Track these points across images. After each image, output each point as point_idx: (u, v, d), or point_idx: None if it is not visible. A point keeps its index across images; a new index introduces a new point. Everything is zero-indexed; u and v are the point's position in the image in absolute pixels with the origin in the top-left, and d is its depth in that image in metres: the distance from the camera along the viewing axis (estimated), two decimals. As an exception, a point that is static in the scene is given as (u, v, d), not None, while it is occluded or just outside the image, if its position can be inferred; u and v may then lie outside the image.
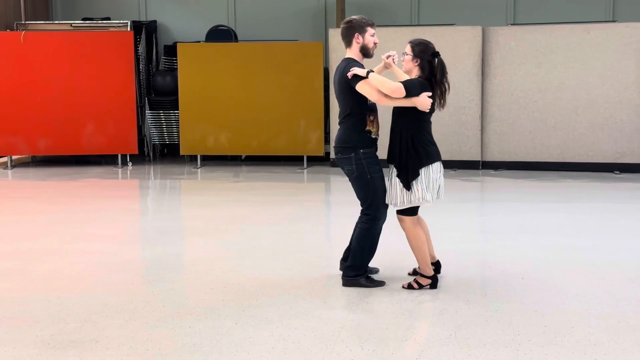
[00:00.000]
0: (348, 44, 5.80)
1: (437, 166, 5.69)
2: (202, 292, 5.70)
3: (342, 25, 5.85)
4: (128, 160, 14.58)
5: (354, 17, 5.80)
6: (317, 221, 9.25)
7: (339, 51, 13.42)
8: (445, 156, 13.67)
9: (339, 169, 6.00)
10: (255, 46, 14.39)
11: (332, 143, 6.15)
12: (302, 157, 14.27)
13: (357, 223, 5.94)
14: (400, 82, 5.52)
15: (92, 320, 5.02)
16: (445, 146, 13.27)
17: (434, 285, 5.73)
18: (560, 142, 13.23)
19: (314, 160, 14.53)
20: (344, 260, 6.02)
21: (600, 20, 14.29)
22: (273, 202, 10.22)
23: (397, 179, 5.61)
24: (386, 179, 5.76)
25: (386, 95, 5.48)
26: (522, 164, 13.35)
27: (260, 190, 11.39)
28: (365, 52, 5.76)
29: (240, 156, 15.41)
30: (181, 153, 14.61)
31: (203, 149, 14.42)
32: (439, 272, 5.92)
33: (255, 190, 11.39)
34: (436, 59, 5.65)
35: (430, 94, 5.54)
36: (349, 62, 5.65)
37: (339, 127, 5.82)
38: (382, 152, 5.80)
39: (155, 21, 16.73)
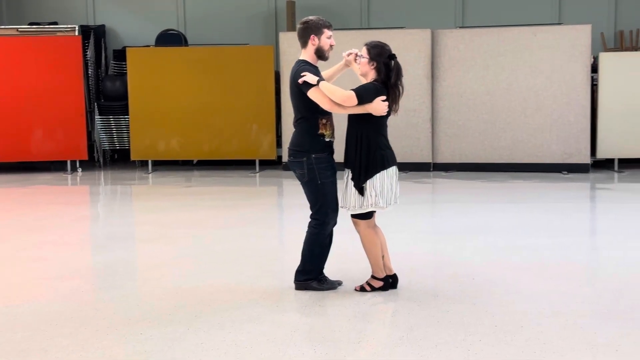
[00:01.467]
0: (303, 44, 5.68)
1: (392, 171, 5.63)
2: (154, 299, 5.65)
3: (298, 26, 5.73)
4: (77, 166, 14.42)
5: (311, 17, 5.70)
6: (269, 225, 9.24)
7: (289, 55, 13.44)
8: (396, 158, 13.76)
9: (291, 173, 5.98)
10: (206, 50, 14.34)
11: (285, 146, 6.11)
12: (254, 161, 14.24)
13: None
14: (353, 89, 5.45)
15: (41, 330, 4.94)
16: (397, 148, 13.17)
17: (385, 287, 5.73)
18: (510, 144, 13.39)
19: (266, 164, 14.51)
20: None
21: (547, 23, 14.50)
22: (225, 206, 10.17)
23: (352, 183, 5.57)
24: (342, 182, 5.71)
25: (338, 103, 5.42)
26: (472, 165, 13.50)
27: (212, 195, 11.34)
28: (321, 54, 5.67)
29: (192, 161, 15.33)
30: (132, 158, 14.49)
31: (154, 154, 14.32)
32: (394, 287, 5.79)
33: (208, 195, 11.34)
34: (392, 62, 5.59)
35: (384, 98, 5.49)
36: (301, 65, 5.56)
37: (293, 129, 5.77)
38: (339, 155, 5.78)
39: (103, 25, 16.58)
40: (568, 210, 9.60)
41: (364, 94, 5.42)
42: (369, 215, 5.68)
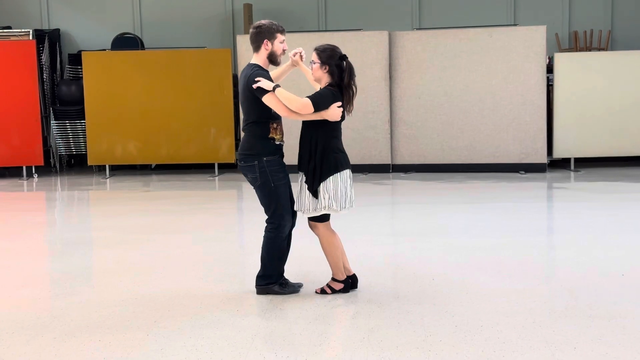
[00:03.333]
0: (256, 49, 5.65)
1: (346, 174, 5.59)
2: (112, 305, 5.59)
3: (251, 30, 5.71)
4: (33, 172, 14.25)
5: (263, 22, 5.67)
6: (229, 229, 9.20)
7: (247, 57, 13.38)
8: (355, 160, 13.80)
9: (249, 176, 5.94)
10: (163, 54, 14.25)
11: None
12: (214, 164, 14.18)
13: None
14: (309, 96, 5.42)
15: (-3, 338, 4.86)
16: (356, 150, 13.40)
17: (346, 289, 5.73)
18: (467, 144, 13.50)
19: (225, 168, 14.46)
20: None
21: (503, 24, 14.66)
22: (184, 210, 10.11)
23: (306, 186, 5.57)
24: (296, 185, 5.71)
25: (294, 111, 5.41)
26: (431, 166, 13.58)
27: (171, 199, 11.26)
28: (273, 59, 5.64)
29: (150, 165, 15.23)
30: (89, 163, 14.36)
31: (111, 158, 14.20)
32: (355, 287, 5.81)
33: (166, 199, 11.26)
34: (344, 63, 5.57)
35: (340, 103, 5.47)
36: (254, 70, 5.52)
37: (243, 133, 5.74)
38: (291, 158, 5.79)
39: (58, 29, 16.41)
40: (525, 210, 9.70)
41: (320, 101, 5.40)
42: (326, 218, 5.66)
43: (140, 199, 11.59)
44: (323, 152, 5.52)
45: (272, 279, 5.74)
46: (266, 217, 5.72)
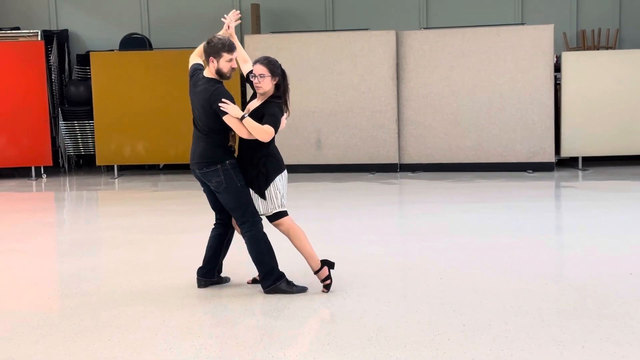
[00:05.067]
0: (206, 63, 5.71)
1: (285, 174, 5.77)
2: (121, 304, 5.61)
3: (203, 44, 5.77)
4: (42, 172, 14.29)
5: (214, 38, 5.68)
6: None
7: (253, 57, 13.37)
8: (363, 159, 13.83)
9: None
10: (170, 54, 14.27)
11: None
12: (221, 164, 14.19)
13: (211, 233, 6.05)
14: (268, 123, 5.49)
15: (6, 337, 4.89)
16: (363, 150, 13.42)
17: (330, 265, 5.76)
18: (475, 143, 13.48)
19: (233, 168, 14.46)
20: (203, 271, 6.01)
21: (510, 23, 14.63)
22: (193, 210, 10.13)
23: (252, 190, 5.69)
24: None
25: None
26: (438, 165, 13.57)
27: (179, 199, 11.29)
28: (221, 75, 5.66)
29: (159, 165, 15.25)
30: (97, 164, 14.40)
31: (120, 158, 14.24)
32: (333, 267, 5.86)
33: (175, 199, 11.29)
34: (281, 71, 5.71)
35: (286, 114, 5.71)
36: (217, 87, 5.57)
37: (197, 140, 5.77)
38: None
39: (66, 30, 16.45)
40: (533, 209, 9.69)
41: (277, 122, 5.57)
42: (286, 213, 5.75)
43: (148, 199, 11.62)
44: (266, 157, 5.65)
45: (275, 274, 5.74)
46: (237, 220, 5.78)
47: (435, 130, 13.56)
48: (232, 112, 5.45)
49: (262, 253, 5.74)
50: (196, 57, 5.99)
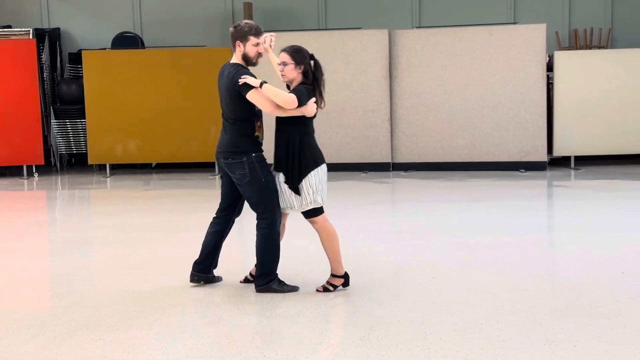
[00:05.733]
0: (233, 48, 5.71)
1: (324, 168, 5.67)
2: (113, 303, 5.59)
3: (230, 29, 5.76)
4: (34, 171, 14.26)
5: (240, 23, 5.68)
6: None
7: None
8: (356, 159, 13.82)
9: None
10: (163, 52, 14.25)
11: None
12: (214, 163, 14.17)
13: (210, 228, 6.01)
14: (291, 92, 5.48)
15: (-2, 337, 4.87)
16: (356, 149, 13.41)
17: (346, 283, 5.74)
18: (468, 143, 13.50)
19: (225, 166, 14.45)
20: (199, 267, 5.99)
21: (503, 22, 14.65)
22: (185, 209, 10.11)
23: (286, 185, 5.60)
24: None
25: (278, 106, 5.45)
26: (431, 164, 13.58)
27: (171, 198, 11.26)
28: (247, 60, 5.66)
29: (151, 164, 15.22)
30: (89, 162, 14.37)
31: (112, 157, 14.21)
32: (348, 284, 5.82)
33: (167, 198, 11.27)
34: (313, 61, 5.65)
35: (314, 99, 5.56)
36: (238, 69, 5.57)
37: (223, 132, 5.75)
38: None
39: (58, 28, 16.40)
40: (525, 208, 9.70)
41: (302, 98, 5.45)
42: (322, 210, 5.70)
43: (140, 197, 11.59)
44: (301, 150, 5.57)
45: (270, 276, 5.73)
46: (256, 215, 5.72)
47: (428, 129, 13.57)
48: (250, 82, 5.40)
49: (268, 253, 5.71)
50: None
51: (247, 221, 6.42)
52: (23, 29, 15.22)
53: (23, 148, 14.04)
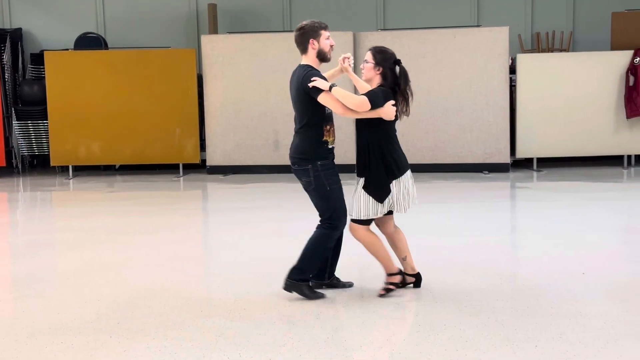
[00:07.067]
0: (304, 50, 5.58)
1: (407, 176, 5.59)
2: (76, 306, 5.55)
3: (295, 33, 5.63)
4: (-5, 172, 14.08)
5: (305, 22, 5.59)
6: (194, 229, 9.17)
7: (212, 57, 13.39)
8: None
9: (215, 176, 5.94)
10: (127, 53, 14.15)
11: (209, 149, 5.94)
12: (178, 165, 14.12)
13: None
14: (363, 94, 5.39)
15: (-43, 341, 4.81)
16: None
17: (403, 282, 5.75)
18: (432, 145, 13.57)
19: (190, 168, 14.40)
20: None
21: (466, 25, 14.76)
22: (149, 211, 10.06)
23: (364, 191, 5.51)
24: (351, 191, 5.65)
25: (351, 109, 5.35)
26: (395, 166, 13.60)
27: (135, 200, 11.20)
28: (323, 56, 5.57)
29: (114, 166, 15.12)
30: (52, 164, 14.23)
31: (75, 159, 14.09)
32: (419, 285, 5.80)
33: (131, 200, 11.19)
34: (398, 67, 5.53)
35: (393, 102, 5.42)
36: (308, 71, 5.44)
37: (295, 135, 5.64)
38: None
39: (20, 29, 16.22)
40: (489, 210, 9.78)
41: (375, 100, 5.34)
42: (368, 222, 5.62)
43: (104, 199, 11.50)
44: (383, 156, 5.50)
45: (305, 275, 5.60)
46: (320, 219, 5.65)
47: (393, 131, 13.61)
48: (319, 85, 5.31)
49: (313, 255, 5.58)
50: None
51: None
52: (-16, 29, 15.04)
53: (-16, 149, 13.88)
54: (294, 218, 9.15)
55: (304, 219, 6.01)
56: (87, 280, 6.34)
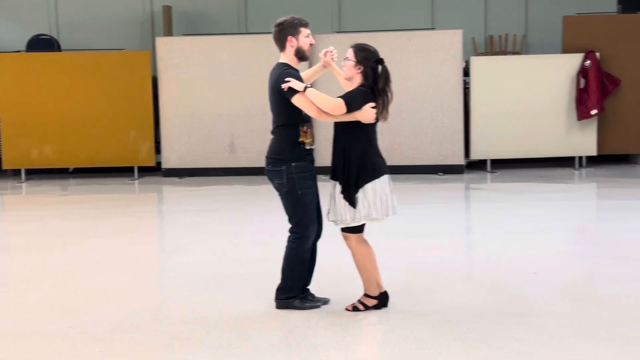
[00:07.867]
0: (282, 47, 5.41)
1: (384, 179, 5.32)
2: (28, 311, 5.49)
3: (273, 29, 5.44)
4: (-55, 176, 13.84)
5: (284, 18, 5.41)
6: (149, 232, 9.11)
7: (166, 60, 13.31)
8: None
9: (170, 179, 5.91)
10: (80, 56, 14.00)
11: (164, 152, 5.88)
12: (133, 167, 14.01)
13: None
14: (340, 96, 5.16)
15: None
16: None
17: (380, 305, 5.36)
18: (387, 147, 13.60)
19: (145, 171, 14.30)
20: None
21: (421, 28, 14.86)
22: (103, 214, 9.97)
23: (341, 196, 5.27)
24: (326, 195, 5.47)
25: (326, 111, 5.16)
26: (351, 168, 13.64)
27: (89, 203, 11.09)
28: (301, 55, 5.40)
29: (68, 169, 14.95)
30: (3, 167, 14.03)
31: (27, 162, 13.90)
32: (386, 305, 5.40)
33: (85, 203, 11.09)
34: (380, 67, 5.33)
35: (373, 104, 5.22)
36: (284, 69, 5.27)
37: (271, 136, 5.47)
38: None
39: (-29, 30, 15.98)
40: (442, 211, 9.86)
41: (353, 102, 5.14)
42: (360, 229, 5.37)
43: (57, 203, 11.38)
44: (358, 158, 5.26)
45: (292, 292, 5.41)
46: (289, 226, 5.44)
47: (348, 133, 13.65)
48: (294, 85, 5.11)
49: (293, 269, 5.40)
50: None
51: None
52: None
53: None
54: (250, 221, 9.14)
55: (260, 222, 6.00)
56: (39, 284, 6.27)
